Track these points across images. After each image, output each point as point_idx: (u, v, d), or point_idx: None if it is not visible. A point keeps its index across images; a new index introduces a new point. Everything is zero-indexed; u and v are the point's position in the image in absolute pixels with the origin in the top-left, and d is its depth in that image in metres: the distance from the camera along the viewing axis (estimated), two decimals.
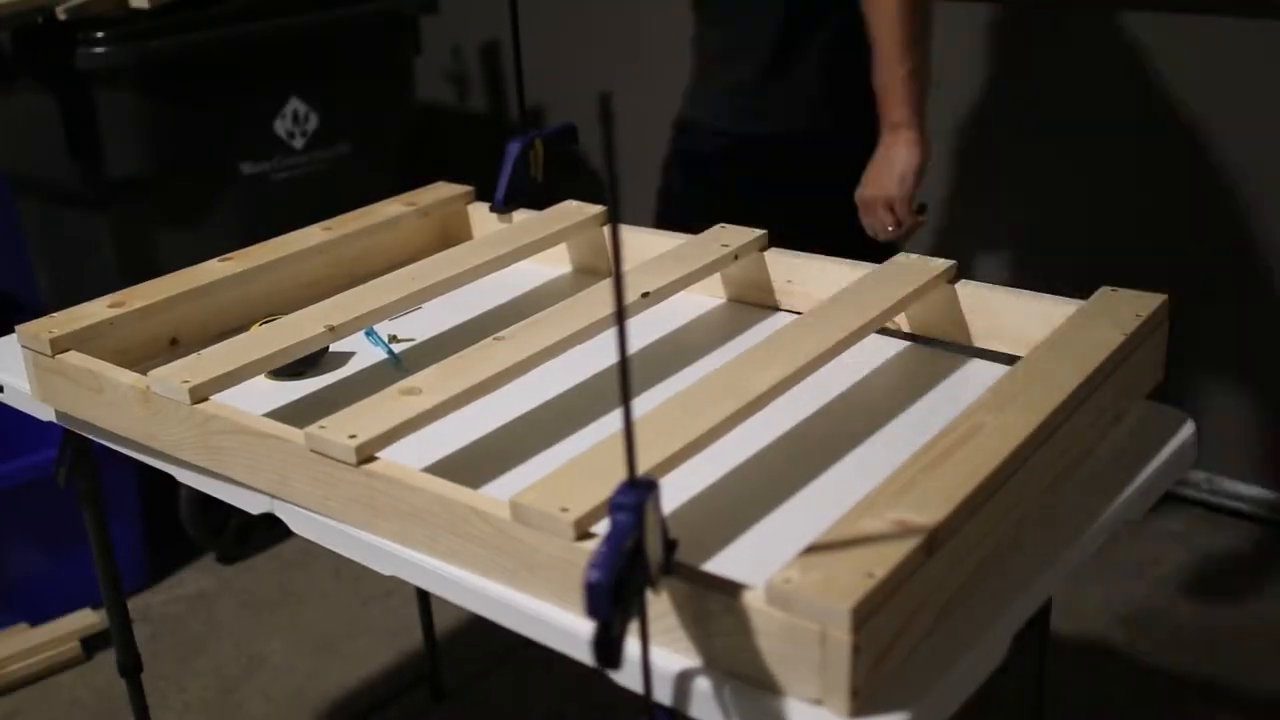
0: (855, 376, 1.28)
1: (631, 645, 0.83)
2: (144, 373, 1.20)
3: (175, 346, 1.38)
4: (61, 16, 2.10)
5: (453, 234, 1.65)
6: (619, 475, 0.82)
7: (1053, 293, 1.28)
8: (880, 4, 1.69)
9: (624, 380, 0.78)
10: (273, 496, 1.14)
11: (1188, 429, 1.17)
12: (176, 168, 2.28)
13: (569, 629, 0.93)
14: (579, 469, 0.97)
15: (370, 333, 1.43)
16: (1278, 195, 2.29)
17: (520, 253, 1.49)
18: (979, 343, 1.31)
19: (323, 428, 1.06)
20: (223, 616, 2.40)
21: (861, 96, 1.77)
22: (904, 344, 1.34)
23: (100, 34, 2.12)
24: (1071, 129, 2.46)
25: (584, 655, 0.91)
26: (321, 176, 2.45)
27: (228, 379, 1.19)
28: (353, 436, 1.04)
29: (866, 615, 0.79)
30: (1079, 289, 1.30)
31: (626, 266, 1.47)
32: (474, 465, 1.15)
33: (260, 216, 2.28)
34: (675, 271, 1.37)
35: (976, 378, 1.26)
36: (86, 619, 2.32)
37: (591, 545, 0.90)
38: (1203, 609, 2.25)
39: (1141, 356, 1.17)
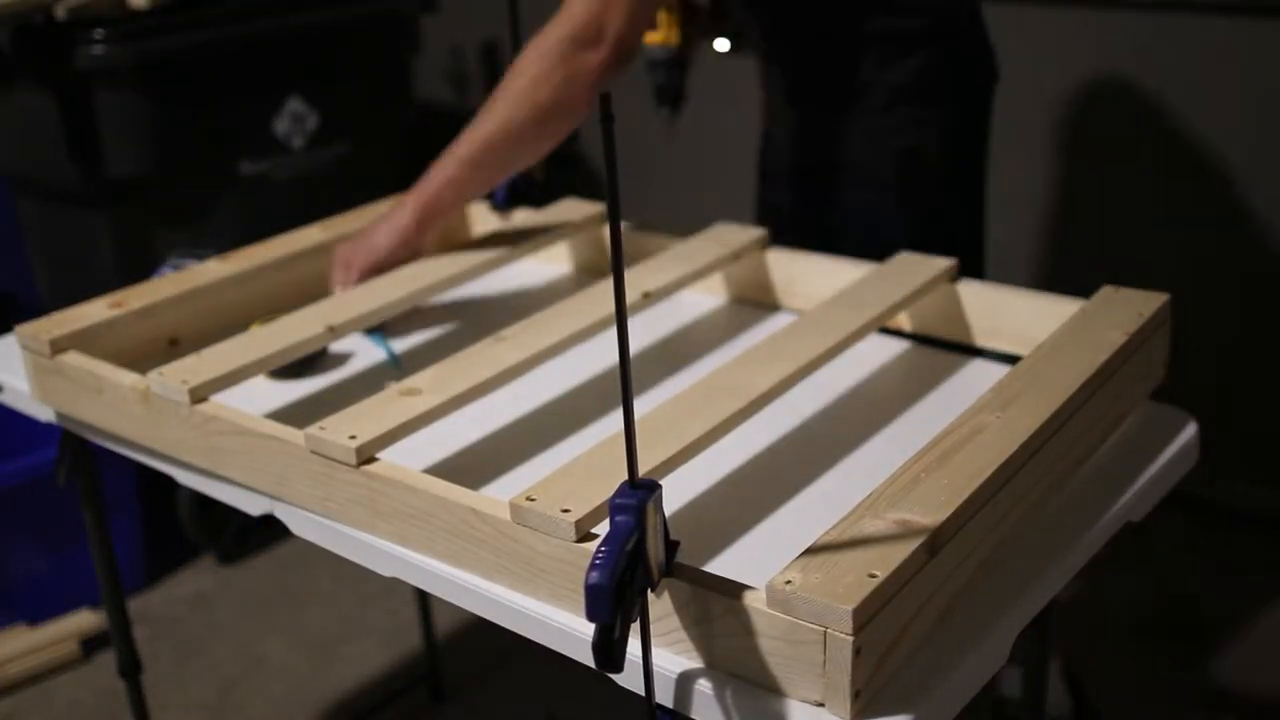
0: (856, 376, 1.27)
1: (632, 647, 0.83)
2: (143, 373, 1.20)
3: (175, 347, 1.38)
4: (60, 16, 2.10)
5: (453, 234, 1.65)
6: (620, 476, 0.82)
7: (1054, 292, 1.28)
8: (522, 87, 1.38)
9: (625, 380, 0.78)
10: (272, 497, 1.14)
11: (1189, 429, 1.17)
12: (176, 168, 2.28)
13: (570, 630, 0.93)
14: (580, 470, 0.97)
15: (370, 332, 1.43)
16: (1279, 194, 2.28)
17: (520, 252, 1.48)
18: (981, 342, 1.31)
19: (322, 429, 1.06)
20: (222, 617, 2.40)
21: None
22: (905, 343, 1.34)
23: (99, 34, 2.11)
24: (1072, 128, 2.46)
25: (585, 656, 0.91)
26: (321, 176, 2.45)
27: (227, 379, 1.19)
28: (353, 437, 1.04)
29: (868, 616, 0.79)
30: (1081, 288, 1.30)
31: (627, 266, 1.47)
32: (474, 466, 1.15)
33: (260, 216, 2.28)
34: (675, 271, 1.37)
35: (978, 377, 1.26)
36: (86, 619, 2.31)
37: (592, 547, 0.90)
38: (1203, 609, 2.25)
39: (1143, 356, 1.17)
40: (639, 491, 0.81)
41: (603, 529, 0.82)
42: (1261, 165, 2.28)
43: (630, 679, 0.87)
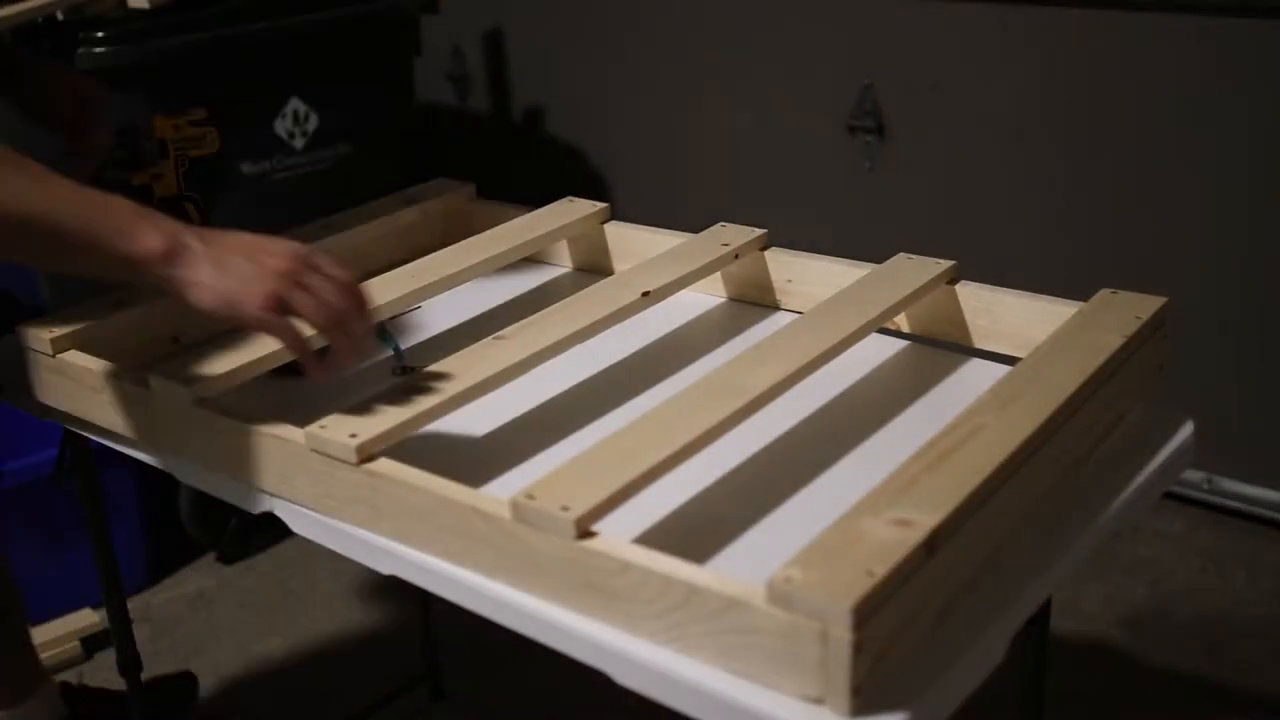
0: (855, 376, 1.28)
1: (639, 647, 0.83)
2: (144, 372, 1.20)
3: (176, 346, 1.38)
4: (60, 16, 2.10)
5: (453, 232, 1.65)
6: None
7: (1053, 294, 1.28)
8: None
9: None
10: (273, 496, 1.14)
11: (1187, 429, 1.17)
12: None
13: (570, 629, 0.93)
14: (580, 468, 0.97)
15: (382, 330, 1.42)
16: (1278, 194, 2.29)
17: (520, 250, 1.49)
18: (979, 344, 1.31)
19: (323, 427, 1.06)
20: (223, 616, 2.40)
21: None
22: (904, 344, 1.34)
23: (100, 34, 2.12)
24: (1072, 129, 2.46)
25: (585, 656, 0.91)
26: (321, 176, 2.45)
27: (228, 378, 1.19)
28: (353, 436, 1.04)
29: (867, 614, 0.79)
30: (1079, 290, 1.30)
31: (627, 265, 1.48)
32: (474, 464, 1.15)
33: (260, 216, 2.28)
34: (675, 271, 1.37)
35: (977, 378, 1.26)
36: (86, 619, 2.31)
37: (593, 545, 0.90)
38: (1203, 609, 2.25)
39: (1141, 358, 1.17)
40: None
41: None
42: (1262, 164, 2.28)
43: (631, 678, 0.87)
